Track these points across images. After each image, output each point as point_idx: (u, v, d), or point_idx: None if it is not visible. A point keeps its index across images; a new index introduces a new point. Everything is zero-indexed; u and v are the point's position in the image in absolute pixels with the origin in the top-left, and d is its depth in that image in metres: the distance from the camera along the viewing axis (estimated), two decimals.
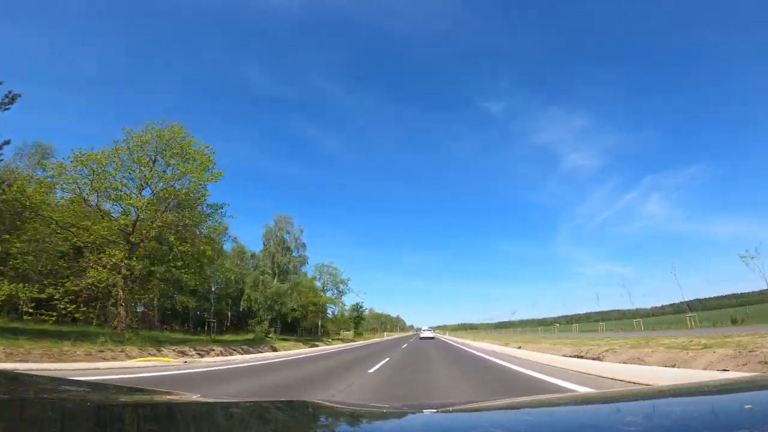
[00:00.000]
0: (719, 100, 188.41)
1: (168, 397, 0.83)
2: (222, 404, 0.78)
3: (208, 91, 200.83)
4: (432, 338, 30.63)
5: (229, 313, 24.19)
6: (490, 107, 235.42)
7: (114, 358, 6.88)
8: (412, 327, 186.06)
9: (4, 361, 5.28)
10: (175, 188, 9.75)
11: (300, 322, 26.41)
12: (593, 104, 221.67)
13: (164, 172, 9.80)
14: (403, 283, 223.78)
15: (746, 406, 0.60)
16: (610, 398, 0.85)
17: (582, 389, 3.23)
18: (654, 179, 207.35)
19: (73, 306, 8.81)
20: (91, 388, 0.85)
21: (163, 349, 8.45)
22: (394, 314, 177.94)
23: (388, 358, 8.25)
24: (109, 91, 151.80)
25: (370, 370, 5.96)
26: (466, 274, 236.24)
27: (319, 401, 0.86)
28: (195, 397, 0.83)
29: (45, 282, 8.80)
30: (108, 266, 8.90)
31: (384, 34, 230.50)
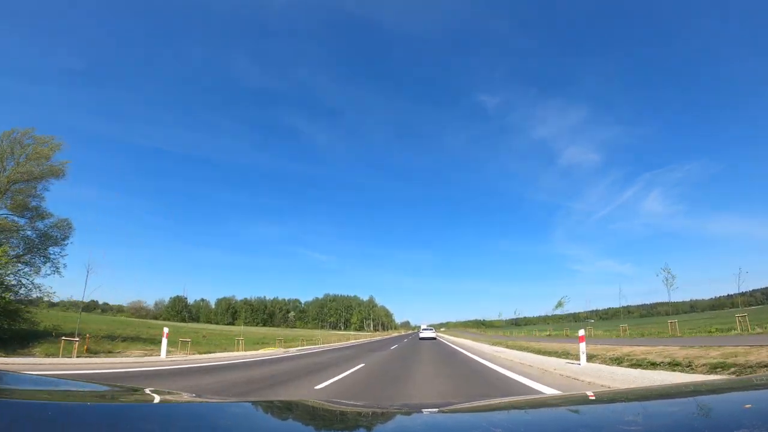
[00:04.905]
0: (719, 96, 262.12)
1: (168, 397, 1.10)
2: (222, 404, 1.08)
3: (194, 83, 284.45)
4: (433, 338, 41.01)
5: None
6: (485, 101, 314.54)
7: None
8: (408, 324, 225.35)
9: None
10: None
11: None
12: (591, 97, 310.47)
13: None
14: (403, 282, 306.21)
15: (746, 406, 0.92)
16: (610, 398, 1.23)
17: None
18: (654, 175, 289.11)
19: None
20: (90, 388, 1.09)
21: None
22: (387, 308, 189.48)
23: None
24: (95, 85, 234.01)
25: None
26: (467, 271, 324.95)
27: (319, 401, 1.18)
28: (195, 397, 1.12)
29: None
30: None
31: (375, 25, 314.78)
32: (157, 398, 1.11)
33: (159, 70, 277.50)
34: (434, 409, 1.20)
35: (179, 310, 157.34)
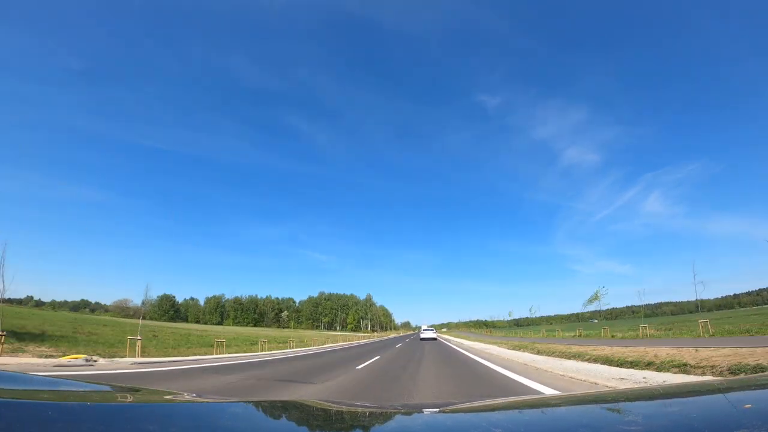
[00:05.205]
0: (719, 96, 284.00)
1: (168, 397, 1.15)
2: (222, 404, 1.13)
3: (194, 83, 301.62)
4: (434, 339, 42.48)
5: None
6: (485, 101, 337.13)
7: None
8: (408, 324, 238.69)
9: None
10: None
11: None
12: (591, 97, 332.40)
13: None
14: (403, 282, 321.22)
15: (746, 406, 0.96)
16: (610, 398, 1.28)
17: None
18: (654, 176, 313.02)
19: None
20: (90, 388, 1.13)
21: None
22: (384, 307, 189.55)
23: None
24: (95, 85, 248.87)
25: None
26: (468, 272, 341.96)
27: (319, 401, 1.22)
28: (195, 397, 1.16)
29: None
30: None
31: (375, 25, 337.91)
32: (157, 398, 1.16)
33: (159, 70, 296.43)
34: (435, 409, 1.25)
35: (166, 309, 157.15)
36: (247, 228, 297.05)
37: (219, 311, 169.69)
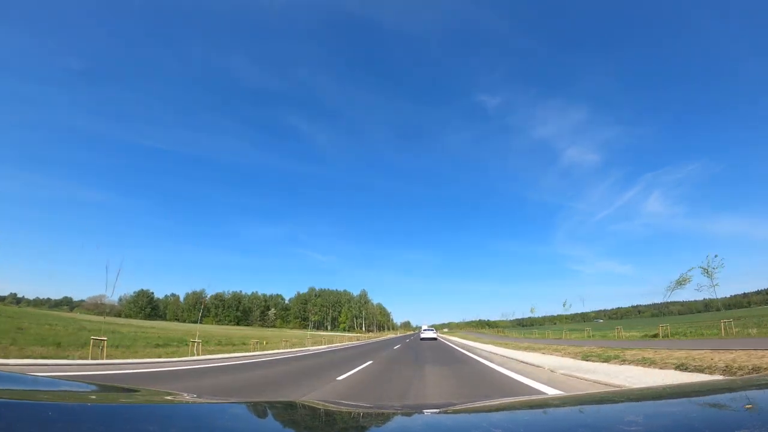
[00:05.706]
0: (719, 96, 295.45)
1: (167, 397, 1.19)
2: (222, 405, 1.17)
3: (194, 83, 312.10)
4: (434, 339, 43.36)
5: None
6: (485, 101, 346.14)
7: None
8: (409, 324, 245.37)
9: None
10: None
11: None
12: (591, 97, 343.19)
13: None
14: (403, 282, 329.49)
15: (746, 406, 0.98)
16: (610, 398, 1.33)
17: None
18: (654, 176, 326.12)
19: None
20: (90, 388, 1.17)
21: None
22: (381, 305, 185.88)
23: None
24: (95, 85, 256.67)
25: None
26: (468, 272, 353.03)
27: (319, 401, 1.26)
28: (194, 398, 1.21)
29: None
30: None
31: (375, 25, 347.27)
32: (157, 398, 1.20)
33: (159, 70, 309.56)
34: (435, 410, 1.31)
35: (143, 306, 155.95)
36: (246, 228, 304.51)
37: (199, 308, 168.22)
